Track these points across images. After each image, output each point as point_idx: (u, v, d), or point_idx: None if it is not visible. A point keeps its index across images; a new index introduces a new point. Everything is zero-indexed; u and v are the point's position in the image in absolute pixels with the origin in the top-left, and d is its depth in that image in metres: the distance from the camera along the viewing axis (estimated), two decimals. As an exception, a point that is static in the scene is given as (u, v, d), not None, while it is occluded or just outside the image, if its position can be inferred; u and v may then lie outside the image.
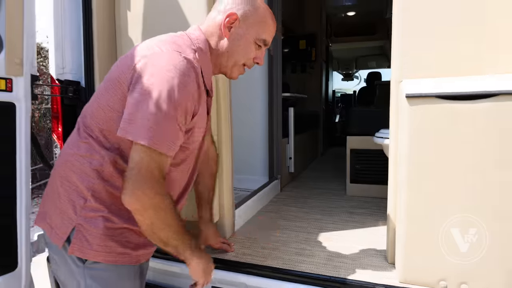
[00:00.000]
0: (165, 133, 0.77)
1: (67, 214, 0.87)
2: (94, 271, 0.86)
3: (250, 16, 0.91)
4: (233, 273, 1.21)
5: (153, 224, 0.80)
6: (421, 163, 1.02)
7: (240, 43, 0.92)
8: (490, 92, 0.92)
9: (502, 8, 0.98)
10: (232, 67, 0.95)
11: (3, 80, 1.10)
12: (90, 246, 0.84)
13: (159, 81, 0.77)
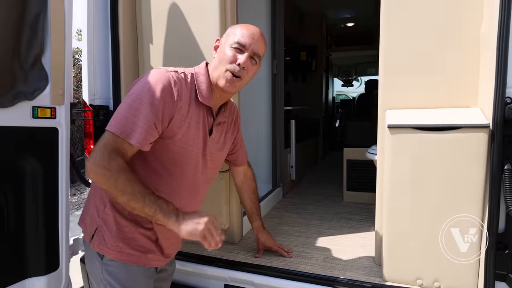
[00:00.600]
0: (127, 123, 0.92)
1: (93, 216, 1.07)
2: (109, 267, 1.03)
3: (226, 35, 1.10)
4: (242, 273, 1.42)
5: (110, 189, 0.91)
6: (400, 179, 1.22)
7: (220, 54, 1.07)
8: (455, 125, 1.12)
9: (457, 64, 1.21)
10: (218, 75, 1.05)
11: (49, 109, 1.31)
12: (106, 244, 1.02)
13: (135, 87, 0.97)
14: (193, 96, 1.04)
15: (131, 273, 1.04)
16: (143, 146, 0.94)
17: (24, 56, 1.20)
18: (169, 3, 1.55)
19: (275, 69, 2.46)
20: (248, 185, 1.47)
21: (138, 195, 0.90)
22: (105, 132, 0.94)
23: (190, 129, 1.03)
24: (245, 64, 1.03)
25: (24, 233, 1.24)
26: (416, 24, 1.25)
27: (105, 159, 0.89)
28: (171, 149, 1.02)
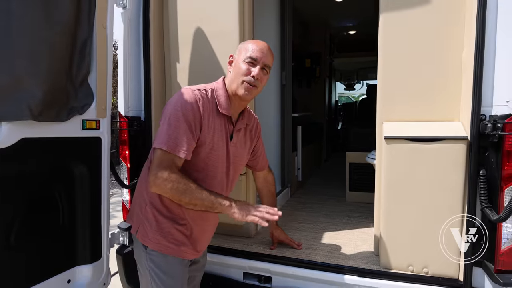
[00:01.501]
0: (171, 139, 1.12)
1: (138, 214, 1.30)
2: (151, 256, 1.25)
3: (239, 49, 1.28)
4: (260, 262, 1.64)
5: (173, 195, 1.12)
6: (395, 181, 1.44)
7: (235, 68, 1.25)
8: (439, 137, 1.34)
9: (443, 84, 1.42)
10: (236, 87, 1.24)
11: (94, 121, 1.53)
12: (148, 237, 1.25)
13: (169, 108, 1.17)
14: (214, 108, 1.24)
15: (169, 261, 1.26)
16: (188, 156, 1.16)
17: (75, 76, 1.42)
18: (194, 27, 1.78)
19: (284, 80, 2.68)
20: (268, 189, 1.67)
21: (197, 193, 1.12)
22: (155, 150, 1.15)
23: (215, 136, 1.23)
24: (258, 76, 1.22)
25: (74, 227, 1.47)
26: (408, 51, 1.46)
27: (165, 173, 1.11)
28: (201, 155, 1.23)
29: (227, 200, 1.16)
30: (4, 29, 1.12)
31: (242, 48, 1.28)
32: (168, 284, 1.24)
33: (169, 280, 1.25)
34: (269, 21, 2.66)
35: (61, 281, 1.42)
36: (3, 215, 1.20)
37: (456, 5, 1.38)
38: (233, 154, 1.32)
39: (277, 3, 2.68)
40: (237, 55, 1.28)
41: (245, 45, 1.28)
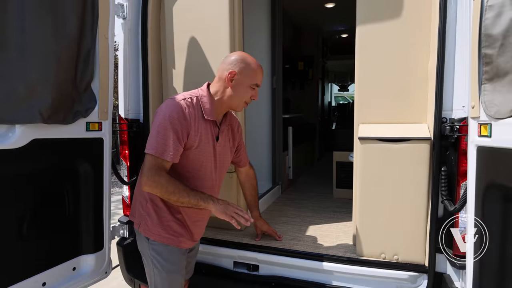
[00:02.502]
0: (159, 145, 1.26)
1: (139, 211, 1.45)
2: (154, 246, 1.41)
3: (244, 71, 1.36)
4: (249, 252, 1.80)
5: (163, 195, 1.27)
6: (368, 178, 1.60)
7: (240, 89, 1.37)
8: (406, 137, 1.50)
9: (413, 89, 1.57)
10: (237, 105, 1.42)
11: (97, 123, 1.68)
12: (150, 230, 1.40)
13: (158, 117, 1.30)
14: (200, 114, 1.35)
15: (169, 250, 1.41)
16: (174, 160, 1.31)
17: (80, 83, 1.57)
18: (188, 36, 1.93)
19: (275, 84, 2.84)
20: (250, 183, 1.83)
21: (184, 193, 1.28)
22: (146, 155, 1.30)
23: (202, 139, 1.37)
24: (256, 98, 1.44)
25: (79, 219, 1.62)
26: (381, 60, 1.62)
27: (154, 176, 1.26)
28: (190, 157, 1.37)
29: (210, 199, 1.31)
30: (20, 45, 1.28)
31: (248, 71, 1.37)
32: (168, 269, 1.40)
33: (169, 265, 1.40)
34: (260, 28, 2.82)
35: (67, 268, 1.57)
36: (17, 209, 1.35)
37: (424, 19, 1.53)
38: (220, 153, 1.47)
39: (267, 11, 2.83)
40: (241, 75, 1.36)
41: (253, 70, 1.38)
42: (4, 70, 1.25)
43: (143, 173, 1.29)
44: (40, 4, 1.33)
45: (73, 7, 1.46)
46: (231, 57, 1.41)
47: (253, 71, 1.39)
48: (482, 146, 1.12)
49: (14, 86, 1.28)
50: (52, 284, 1.49)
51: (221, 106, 1.43)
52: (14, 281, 1.32)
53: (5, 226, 1.31)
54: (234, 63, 1.38)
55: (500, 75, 1.05)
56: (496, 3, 1.06)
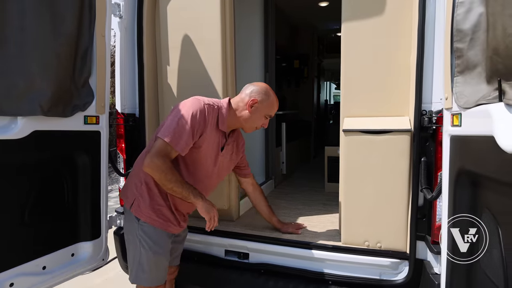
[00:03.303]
0: (175, 135, 1.36)
1: (132, 190, 1.53)
2: (143, 227, 1.49)
3: (264, 101, 1.55)
4: (238, 240, 1.88)
5: (160, 180, 1.36)
6: (352, 169, 1.67)
7: (256, 115, 1.55)
8: (387, 129, 1.57)
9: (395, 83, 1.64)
10: (249, 127, 1.60)
11: (94, 117, 1.76)
12: (141, 211, 1.49)
13: (182, 109, 1.40)
14: (215, 122, 1.51)
15: (158, 233, 1.50)
16: (183, 152, 1.41)
17: (78, 78, 1.65)
18: (182, 34, 2.01)
19: (267, 81, 2.92)
20: (259, 192, 1.92)
21: (179, 183, 1.38)
22: (158, 139, 1.38)
23: (209, 145, 1.51)
24: (266, 126, 1.64)
25: (77, 208, 1.70)
26: (365, 55, 1.69)
27: (160, 160, 1.35)
28: (195, 156, 1.49)
29: (200, 196, 1.43)
30: (20, 42, 1.36)
31: (267, 102, 1.56)
32: (154, 250, 1.48)
33: (156, 247, 1.49)
34: (253, 25, 2.89)
35: (66, 254, 1.65)
36: (20, 196, 1.43)
37: (405, 17, 1.61)
38: (220, 162, 1.60)
39: (261, 9, 2.91)
40: (261, 104, 1.55)
41: (271, 104, 1.58)
42: (5, 65, 1.33)
43: (151, 154, 1.37)
44: (39, 3, 1.41)
45: (71, 6, 1.54)
46: (258, 86, 1.59)
47: (271, 104, 1.58)
48: (454, 135, 1.20)
49: (15, 80, 1.36)
50: (51, 268, 1.57)
51: (234, 123, 1.58)
52: (16, 263, 1.41)
53: (8, 211, 1.39)
54: (259, 92, 1.56)
55: (470, 68, 1.12)
56: (466, 0, 1.13)
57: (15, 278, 1.40)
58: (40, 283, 1.50)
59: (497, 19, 0.90)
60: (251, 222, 2.11)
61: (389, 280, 1.62)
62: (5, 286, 1.36)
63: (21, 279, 1.42)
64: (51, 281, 1.55)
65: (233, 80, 2.06)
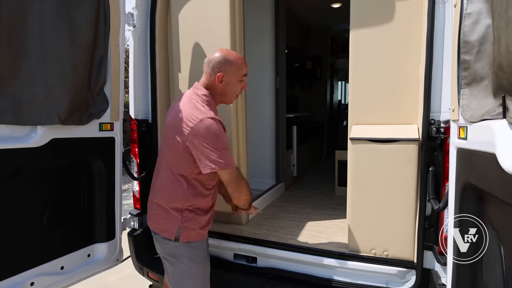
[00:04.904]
0: (229, 158, 1.39)
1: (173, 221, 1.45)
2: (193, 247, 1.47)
3: (230, 70, 1.45)
4: (247, 245, 1.92)
5: (247, 199, 1.51)
6: (359, 177, 1.67)
7: (230, 86, 1.47)
8: (395, 138, 1.56)
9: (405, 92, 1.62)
10: (230, 100, 1.54)
11: (109, 124, 1.83)
12: (190, 235, 1.46)
13: (212, 136, 1.35)
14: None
15: (203, 243, 1.52)
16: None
17: (93, 87, 1.73)
18: (193, 41, 2.05)
19: (278, 85, 2.93)
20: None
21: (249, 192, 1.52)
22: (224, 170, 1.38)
23: None
24: (245, 86, 1.54)
25: (93, 211, 1.79)
26: (374, 62, 1.68)
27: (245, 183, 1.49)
28: None
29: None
30: (41, 53, 1.44)
31: (235, 69, 1.46)
32: (206, 263, 1.54)
33: (206, 258, 1.54)
34: (263, 30, 2.91)
35: (83, 255, 1.74)
36: (40, 200, 1.52)
37: (415, 24, 1.59)
38: None
39: (271, 13, 2.92)
40: (228, 75, 1.46)
41: (238, 66, 1.47)
42: (28, 76, 1.41)
43: (236, 184, 1.45)
44: (56, 16, 1.48)
45: (87, 19, 1.61)
46: (216, 57, 1.47)
47: (237, 67, 1.48)
48: (460, 147, 1.18)
49: (36, 91, 1.44)
50: (69, 268, 1.66)
51: (215, 102, 1.53)
52: (36, 263, 1.50)
53: (29, 215, 1.48)
54: (220, 64, 1.46)
55: (477, 80, 1.11)
56: (474, 11, 1.12)
57: (36, 278, 1.49)
58: (59, 282, 1.59)
59: (501, 35, 0.89)
60: (260, 226, 2.14)
61: (396, 289, 1.62)
62: (26, 285, 1.46)
63: (41, 278, 1.51)
64: (68, 281, 1.64)
65: (243, 86, 2.09)
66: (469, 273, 1.16)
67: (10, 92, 1.36)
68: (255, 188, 2.84)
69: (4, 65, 1.33)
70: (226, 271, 1.92)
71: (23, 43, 1.39)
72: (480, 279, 1.08)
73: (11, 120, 1.38)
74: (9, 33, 1.33)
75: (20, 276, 1.44)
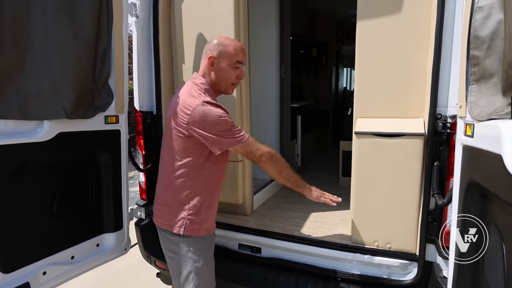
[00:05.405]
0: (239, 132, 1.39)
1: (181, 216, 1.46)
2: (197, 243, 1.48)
3: (223, 52, 1.41)
4: (252, 235, 1.95)
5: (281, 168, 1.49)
6: (363, 170, 1.67)
7: (223, 71, 1.42)
8: (400, 133, 1.55)
9: (412, 84, 1.59)
10: (225, 89, 1.48)
11: (114, 116, 1.84)
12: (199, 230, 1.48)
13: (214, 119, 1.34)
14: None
15: (209, 238, 1.53)
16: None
17: (98, 80, 1.73)
18: (197, 31, 2.02)
19: (283, 74, 2.90)
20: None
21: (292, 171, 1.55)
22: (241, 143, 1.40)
23: None
24: (241, 76, 1.47)
25: (101, 203, 1.83)
26: (381, 54, 1.64)
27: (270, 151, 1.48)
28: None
29: (307, 184, 1.57)
30: (44, 46, 1.43)
31: (226, 52, 1.41)
32: (210, 257, 1.55)
33: (210, 253, 1.55)
34: (268, 19, 2.84)
35: (92, 245, 1.79)
36: (49, 193, 1.56)
37: (423, 16, 1.54)
38: None
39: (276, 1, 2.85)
40: (220, 58, 1.42)
41: (232, 50, 1.42)
42: (33, 71, 1.41)
43: (258, 156, 1.44)
44: (59, 9, 1.47)
45: (89, 10, 1.59)
46: (210, 43, 1.47)
47: (232, 50, 1.43)
48: (466, 145, 1.17)
49: (42, 85, 1.45)
50: (79, 258, 1.71)
51: (214, 92, 1.49)
52: (48, 253, 1.55)
53: (40, 207, 1.52)
54: (212, 48, 1.44)
55: (486, 77, 1.08)
56: (486, 5, 1.08)
57: (48, 267, 1.55)
58: (69, 271, 1.65)
59: None
60: (264, 216, 2.18)
61: (398, 280, 1.65)
62: (39, 274, 1.52)
63: (52, 268, 1.57)
64: (79, 270, 1.70)
65: (246, 74, 2.07)
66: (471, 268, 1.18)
67: (16, 88, 1.37)
68: (259, 178, 2.87)
69: (9, 61, 1.33)
70: (230, 260, 1.97)
71: (27, 38, 1.39)
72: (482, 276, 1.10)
73: (17, 115, 1.40)
74: (13, 29, 1.33)
75: (33, 265, 1.50)
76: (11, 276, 1.41)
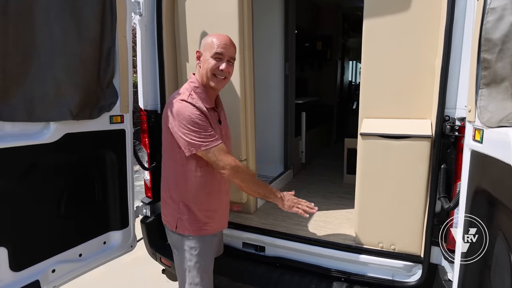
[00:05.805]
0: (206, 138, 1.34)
1: (173, 214, 1.52)
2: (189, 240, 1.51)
3: (205, 45, 1.45)
4: (256, 234, 1.96)
5: (243, 183, 1.42)
6: (368, 172, 1.66)
7: (205, 64, 1.43)
8: (407, 135, 1.53)
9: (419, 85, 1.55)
10: (207, 80, 1.44)
11: (119, 116, 1.85)
12: (186, 228, 1.50)
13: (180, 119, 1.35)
14: (202, 106, 1.40)
15: (204, 239, 1.53)
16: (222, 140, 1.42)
17: (102, 80, 1.72)
18: (200, 31, 2.00)
19: (287, 71, 2.87)
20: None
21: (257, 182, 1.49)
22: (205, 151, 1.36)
23: (215, 126, 1.48)
24: (226, 69, 1.44)
25: (107, 201, 1.85)
26: (388, 53, 1.61)
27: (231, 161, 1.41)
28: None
29: (278, 193, 1.50)
30: (49, 50, 1.43)
31: (207, 45, 1.44)
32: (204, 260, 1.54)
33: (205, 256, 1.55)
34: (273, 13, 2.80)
35: (99, 242, 1.82)
36: (56, 193, 1.58)
37: (432, 15, 1.50)
38: (225, 133, 1.62)
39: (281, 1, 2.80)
40: (203, 50, 1.46)
41: (208, 41, 1.44)
42: (38, 73, 1.42)
43: (218, 166, 1.38)
44: (62, 9, 1.46)
45: (93, 10, 1.58)
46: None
47: (210, 43, 1.44)
48: (475, 150, 1.16)
49: (47, 87, 1.45)
50: (87, 255, 1.74)
51: (209, 91, 1.49)
52: (57, 252, 1.58)
53: (48, 207, 1.55)
54: (201, 45, 1.49)
55: (497, 81, 1.06)
56: (498, 6, 1.04)
57: (56, 265, 1.58)
58: (77, 269, 1.69)
59: None
60: (268, 215, 2.18)
61: (402, 282, 1.65)
62: (48, 272, 1.55)
63: (61, 265, 1.60)
64: (86, 267, 1.73)
65: (251, 71, 2.05)
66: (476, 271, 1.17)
67: (22, 90, 1.37)
68: (263, 175, 2.88)
69: (14, 65, 1.33)
70: (234, 259, 1.99)
71: (32, 41, 1.38)
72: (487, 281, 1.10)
73: (24, 118, 1.41)
74: (17, 32, 1.32)
75: (42, 264, 1.53)
76: (21, 274, 1.45)
